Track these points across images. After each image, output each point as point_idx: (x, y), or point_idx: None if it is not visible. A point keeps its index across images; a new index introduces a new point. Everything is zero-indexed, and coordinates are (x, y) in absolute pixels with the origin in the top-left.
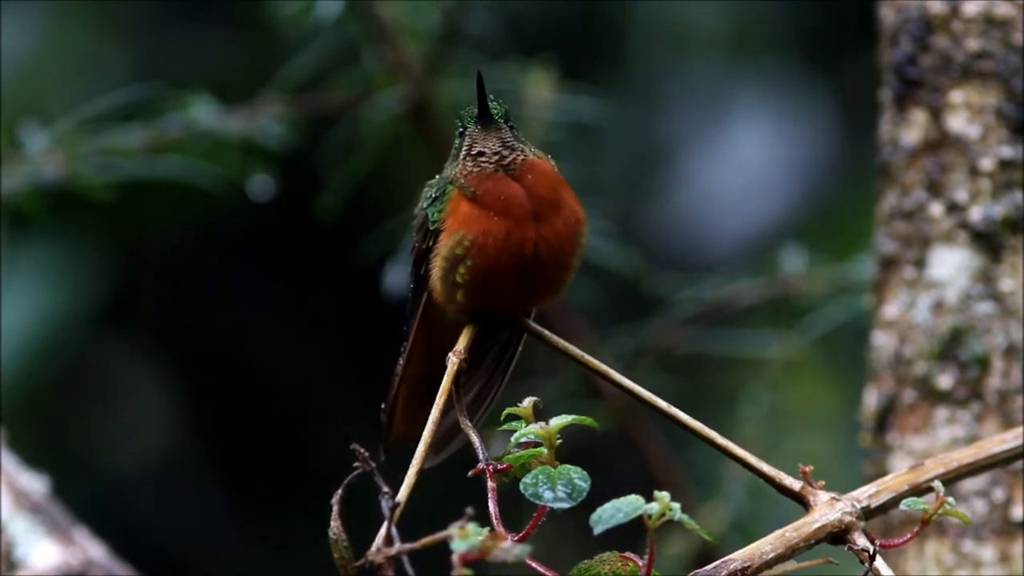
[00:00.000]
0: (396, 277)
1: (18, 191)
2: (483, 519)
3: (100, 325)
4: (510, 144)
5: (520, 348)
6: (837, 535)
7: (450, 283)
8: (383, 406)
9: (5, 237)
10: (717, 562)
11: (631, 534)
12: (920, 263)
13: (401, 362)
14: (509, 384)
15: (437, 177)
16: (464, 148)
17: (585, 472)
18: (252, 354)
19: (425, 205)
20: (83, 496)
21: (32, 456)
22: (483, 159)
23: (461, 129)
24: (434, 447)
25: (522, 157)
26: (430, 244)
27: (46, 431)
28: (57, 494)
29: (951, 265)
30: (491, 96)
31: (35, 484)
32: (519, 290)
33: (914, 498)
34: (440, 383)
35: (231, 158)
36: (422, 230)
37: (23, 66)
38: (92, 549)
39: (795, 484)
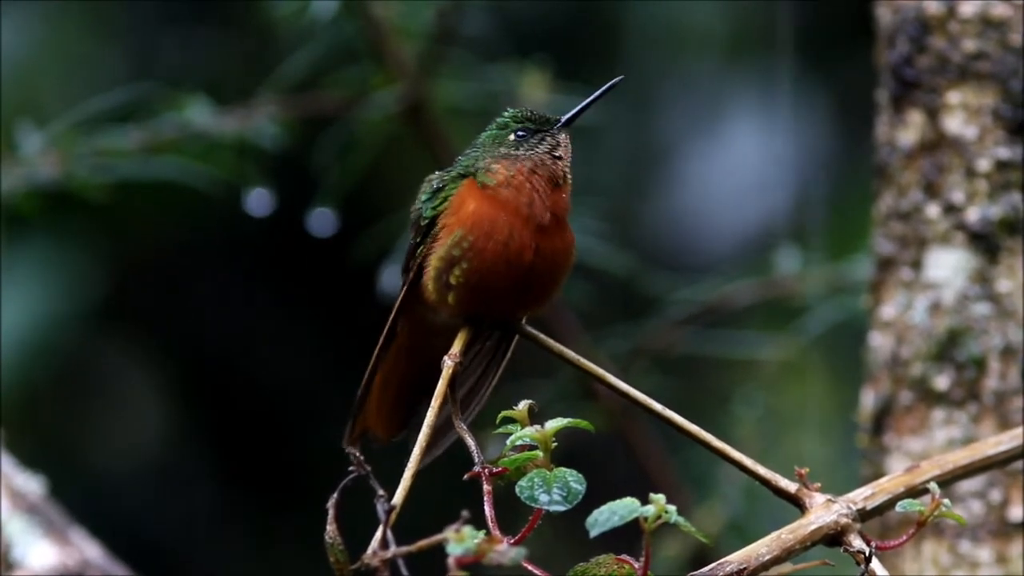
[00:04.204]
0: (392, 277)
1: (14, 192)
2: (478, 522)
3: (96, 326)
4: (569, 158)
5: (511, 350)
6: (833, 537)
7: (443, 284)
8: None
9: (2, 238)
10: (713, 564)
11: (626, 536)
12: (917, 264)
13: (375, 355)
14: (504, 386)
15: (437, 173)
16: (548, 144)
17: (581, 475)
18: (248, 355)
19: (423, 199)
20: (80, 496)
21: (29, 457)
22: (562, 163)
23: (530, 127)
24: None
25: (570, 180)
26: (418, 240)
27: (43, 432)
28: (54, 495)
29: (948, 266)
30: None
31: (32, 485)
32: (510, 297)
33: (910, 500)
34: (422, 383)
35: (226, 159)
36: (415, 224)
37: (18, 66)
38: (89, 549)
39: (791, 486)
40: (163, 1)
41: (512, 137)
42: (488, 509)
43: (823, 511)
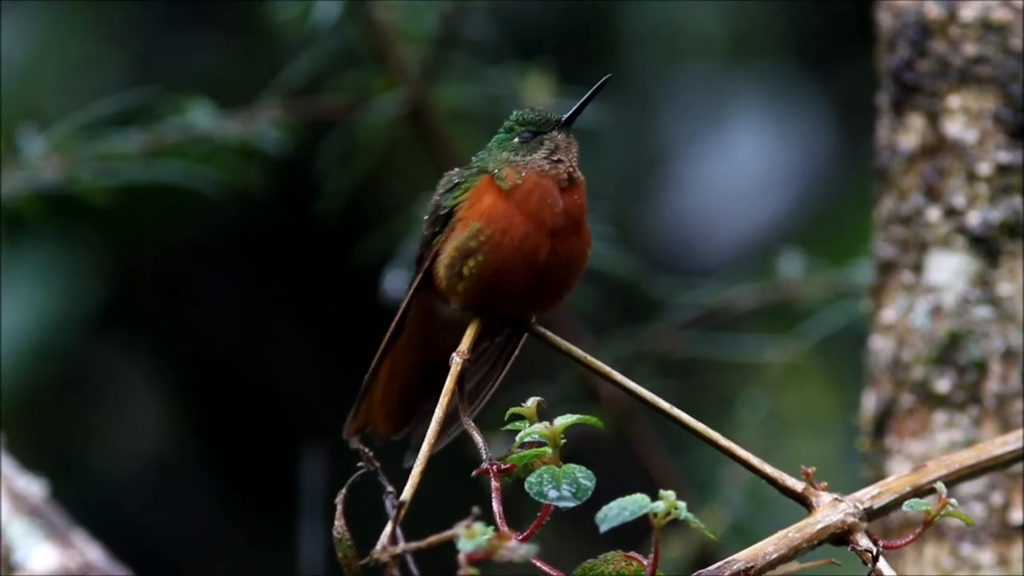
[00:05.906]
0: (394, 281)
1: (17, 195)
2: (482, 519)
3: (97, 328)
4: (576, 161)
5: (519, 347)
6: (840, 536)
7: (455, 273)
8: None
9: (4, 240)
10: (720, 563)
11: (626, 536)
12: (918, 268)
13: (382, 347)
14: (507, 388)
15: (457, 169)
16: (545, 149)
17: (590, 471)
18: (249, 357)
19: (442, 191)
20: (81, 499)
21: (30, 459)
22: (561, 165)
23: (532, 130)
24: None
25: (580, 178)
26: (437, 230)
27: (44, 434)
28: (55, 497)
29: (949, 270)
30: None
31: (33, 487)
32: (521, 294)
33: (916, 499)
34: (427, 378)
35: (229, 162)
36: (432, 216)
37: (20, 69)
38: (90, 552)
39: (798, 485)
40: (165, 5)
41: (516, 140)
42: (496, 506)
43: (830, 510)
